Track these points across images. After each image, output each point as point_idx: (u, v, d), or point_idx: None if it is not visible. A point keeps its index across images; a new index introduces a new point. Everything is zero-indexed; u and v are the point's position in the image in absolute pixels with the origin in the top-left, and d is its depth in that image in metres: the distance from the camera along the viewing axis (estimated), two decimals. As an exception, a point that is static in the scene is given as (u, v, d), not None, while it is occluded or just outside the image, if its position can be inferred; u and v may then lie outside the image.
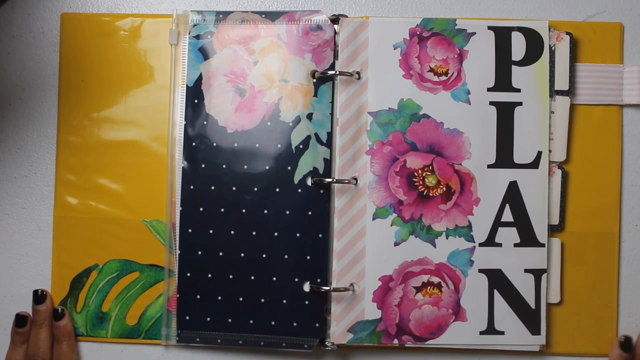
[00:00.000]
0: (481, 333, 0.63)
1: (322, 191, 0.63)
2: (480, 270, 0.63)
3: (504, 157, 0.63)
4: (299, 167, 0.63)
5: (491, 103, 0.64)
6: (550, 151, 0.64)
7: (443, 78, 0.64)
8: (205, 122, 0.64)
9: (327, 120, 0.63)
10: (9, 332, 0.65)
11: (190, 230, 0.63)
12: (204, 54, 0.64)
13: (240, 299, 0.63)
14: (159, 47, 0.66)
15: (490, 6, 0.66)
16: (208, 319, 0.63)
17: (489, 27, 0.64)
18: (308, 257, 0.63)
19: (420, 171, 0.63)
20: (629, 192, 0.65)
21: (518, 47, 0.64)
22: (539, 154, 0.63)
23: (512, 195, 0.63)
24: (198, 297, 0.63)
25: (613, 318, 0.64)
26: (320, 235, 0.63)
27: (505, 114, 0.64)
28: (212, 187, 0.63)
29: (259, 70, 0.64)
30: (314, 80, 0.64)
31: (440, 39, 0.64)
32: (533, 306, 0.63)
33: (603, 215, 0.64)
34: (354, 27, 0.64)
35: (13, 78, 0.66)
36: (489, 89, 0.64)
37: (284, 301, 0.63)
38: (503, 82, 0.64)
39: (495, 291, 0.63)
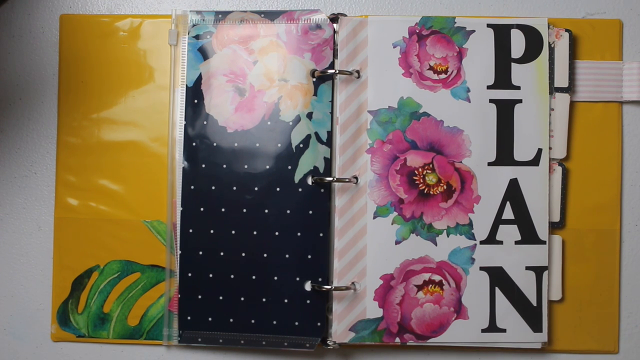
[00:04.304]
0: (483, 331, 0.63)
1: (322, 190, 0.63)
2: (482, 268, 0.63)
3: (504, 155, 0.63)
4: (300, 167, 0.63)
5: (491, 101, 0.64)
6: (550, 148, 0.64)
7: (443, 76, 0.64)
8: (205, 122, 0.64)
9: (327, 119, 0.63)
10: (8, 332, 0.65)
11: (191, 231, 0.63)
12: (203, 54, 0.64)
13: (242, 298, 0.63)
14: (159, 48, 0.66)
15: (489, 4, 0.66)
16: (209, 319, 0.63)
17: (488, 25, 0.64)
18: (309, 257, 0.63)
19: (420, 169, 0.63)
20: (628, 192, 0.65)
21: (517, 44, 0.64)
22: (539, 151, 0.63)
23: (513, 193, 0.63)
24: (199, 297, 0.63)
25: (615, 315, 0.64)
26: (321, 235, 0.63)
27: (505, 111, 0.64)
28: (213, 187, 0.63)
29: (259, 69, 0.64)
30: (314, 79, 0.64)
31: (440, 37, 0.64)
32: (535, 303, 0.63)
33: (604, 212, 0.64)
34: (353, 26, 0.64)
35: (13, 78, 0.66)
36: (488, 87, 0.64)
37: (286, 300, 0.62)
38: (503, 79, 0.64)
39: (497, 289, 0.63)
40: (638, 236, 0.65)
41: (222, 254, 0.63)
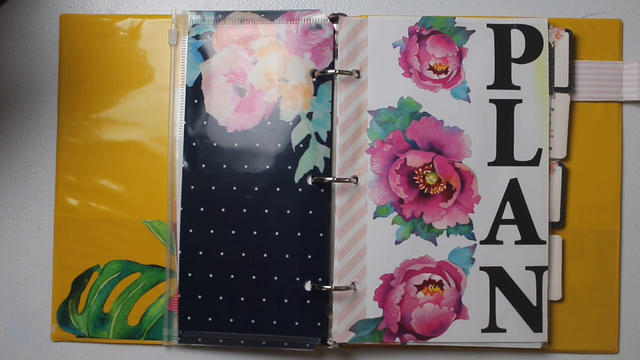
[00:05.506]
0: (483, 331, 0.63)
1: (322, 190, 0.63)
2: (482, 268, 0.63)
3: (504, 155, 0.63)
4: (300, 167, 0.63)
5: (491, 101, 0.64)
6: (550, 148, 0.64)
7: (443, 76, 0.64)
8: (205, 122, 0.64)
9: (327, 119, 0.63)
10: (8, 332, 0.65)
11: (191, 231, 0.63)
12: (203, 54, 0.64)
13: (242, 298, 0.63)
14: (159, 48, 0.66)
15: (489, 4, 0.66)
16: (209, 319, 0.63)
17: (488, 25, 0.64)
18: (309, 257, 0.63)
19: (420, 169, 0.63)
20: (628, 192, 0.65)
21: (517, 44, 0.64)
22: (539, 151, 0.63)
23: (513, 193, 0.63)
24: (199, 297, 0.63)
25: (615, 315, 0.64)
26: (321, 235, 0.63)
27: (505, 111, 0.64)
28: (213, 187, 0.63)
29: (259, 69, 0.64)
30: (314, 79, 0.64)
31: (440, 37, 0.64)
32: (535, 303, 0.63)
33: (604, 212, 0.64)
34: (353, 26, 0.64)
35: (13, 78, 0.67)
36: (488, 87, 0.64)
37: (286, 300, 0.62)
38: (503, 79, 0.64)
39: (497, 289, 0.63)
40: (638, 236, 0.65)
41: (222, 254, 0.63)
